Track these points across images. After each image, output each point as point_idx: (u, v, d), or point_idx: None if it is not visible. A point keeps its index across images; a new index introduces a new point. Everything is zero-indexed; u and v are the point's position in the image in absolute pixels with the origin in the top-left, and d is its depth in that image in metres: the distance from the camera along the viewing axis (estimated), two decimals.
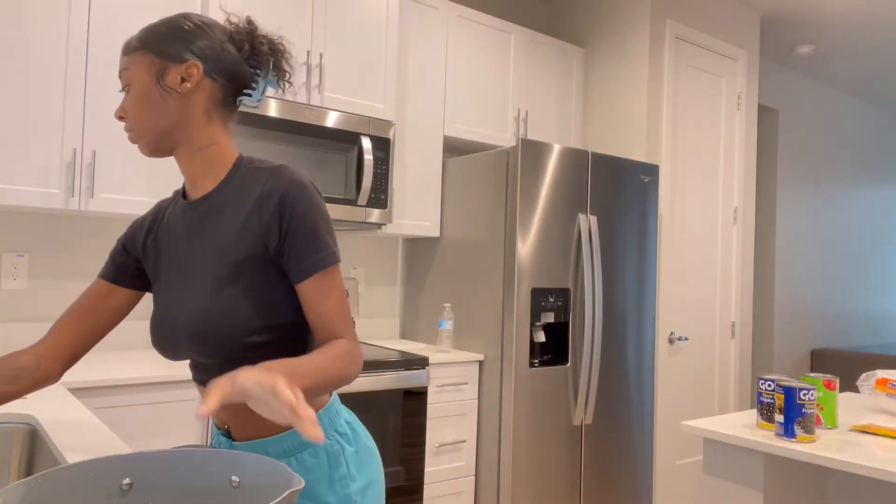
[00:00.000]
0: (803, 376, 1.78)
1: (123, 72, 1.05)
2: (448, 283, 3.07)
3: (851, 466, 1.45)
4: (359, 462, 1.10)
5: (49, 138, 2.11)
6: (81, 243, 2.47)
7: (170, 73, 1.03)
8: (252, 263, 1.01)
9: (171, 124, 1.04)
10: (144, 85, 1.03)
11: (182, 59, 1.03)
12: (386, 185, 2.75)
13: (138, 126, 1.04)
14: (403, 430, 2.57)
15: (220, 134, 1.08)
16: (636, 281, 3.10)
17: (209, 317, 1.00)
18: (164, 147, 1.06)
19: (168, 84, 1.03)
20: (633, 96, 3.46)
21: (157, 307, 1.10)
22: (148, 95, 1.03)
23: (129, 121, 1.05)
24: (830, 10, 3.92)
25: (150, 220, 1.17)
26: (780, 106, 4.90)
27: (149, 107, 1.03)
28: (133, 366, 2.15)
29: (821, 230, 5.27)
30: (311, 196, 1.02)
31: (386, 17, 2.83)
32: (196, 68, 1.03)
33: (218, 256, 1.03)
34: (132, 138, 1.06)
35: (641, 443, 3.11)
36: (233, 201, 1.05)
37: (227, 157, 1.09)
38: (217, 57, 1.05)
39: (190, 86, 1.03)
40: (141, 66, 1.03)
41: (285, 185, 1.01)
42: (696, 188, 3.63)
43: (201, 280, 1.03)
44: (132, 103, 1.03)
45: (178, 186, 2.34)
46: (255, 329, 1.00)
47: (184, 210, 1.10)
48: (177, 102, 1.04)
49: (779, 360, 4.89)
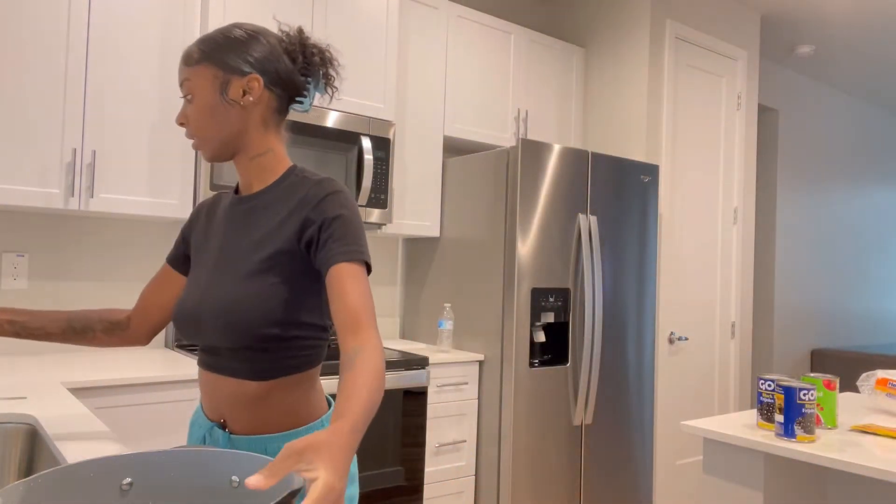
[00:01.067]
0: (803, 376, 1.78)
1: (186, 82, 1.09)
2: (448, 283, 3.07)
3: (851, 466, 1.45)
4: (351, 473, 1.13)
5: (49, 138, 2.11)
6: (81, 243, 2.47)
7: (232, 86, 1.08)
8: (284, 258, 1.06)
9: (233, 134, 1.10)
10: (208, 97, 1.08)
11: (243, 72, 1.08)
12: (386, 185, 2.75)
13: (201, 135, 1.10)
14: (403, 430, 2.57)
15: (275, 142, 1.15)
16: (636, 281, 3.10)
17: (238, 303, 1.04)
18: (225, 154, 1.13)
19: (231, 97, 1.08)
20: (633, 96, 3.46)
21: (189, 288, 1.14)
22: (212, 107, 1.08)
23: (191, 129, 1.10)
24: (830, 10, 3.91)
25: (207, 208, 1.24)
26: (780, 106, 4.90)
27: (212, 118, 1.08)
28: (133, 366, 2.14)
29: (821, 230, 5.27)
30: (350, 203, 1.07)
31: (386, 17, 2.83)
32: (257, 81, 1.08)
33: (254, 248, 1.08)
34: (195, 145, 1.11)
35: (641, 443, 3.11)
36: (278, 201, 1.11)
37: (280, 165, 1.15)
38: (274, 69, 1.11)
39: (252, 99, 1.09)
40: (204, 79, 1.08)
41: (326, 191, 1.07)
42: (696, 188, 3.63)
43: (235, 269, 1.08)
44: (196, 114, 1.09)
45: (179, 187, 2.34)
46: (278, 321, 1.04)
47: (233, 203, 1.16)
48: (238, 114, 1.09)
49: (779, 360, 4.89)
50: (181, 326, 1.12)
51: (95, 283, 2.49)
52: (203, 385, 1.14)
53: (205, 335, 1.08)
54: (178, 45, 2.35)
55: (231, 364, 1.08)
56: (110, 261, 2.52)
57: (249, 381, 1.07)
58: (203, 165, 2.33)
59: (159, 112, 2.31)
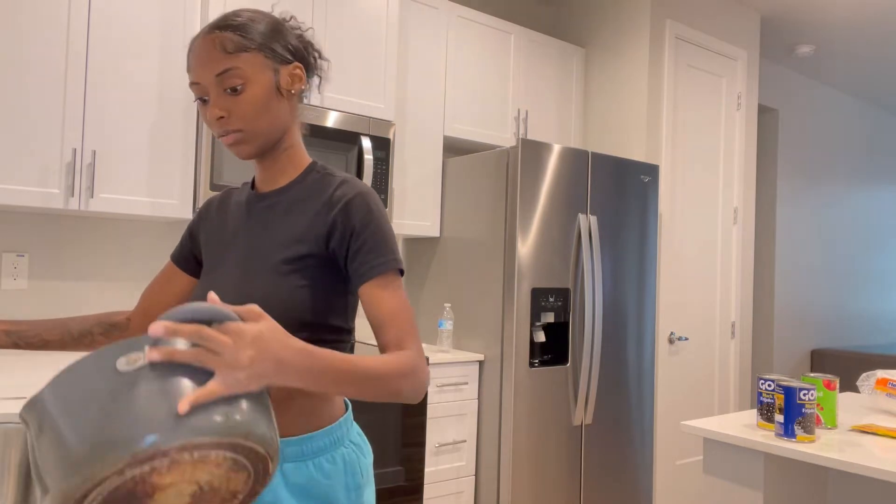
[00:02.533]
0: (803, 376, 1.78)
1: (232, 71, 0.98)
2: (448, 283, 3.07)
3: (851, 466, 1.46)
4: (368, 476, 1.10)
5: (49, 138, 2.11)
6: (81, 243, 2.47)
7: (282, 74, 1.03)
8: (311, 261, 1.02)
9: (283, 127, 1.05)
10: (264, 87, 1.00)
11: (287, 59, 1.04)
12: (386, 185, 2.75)
13: (251, 129, 1.01)
14: (403, 430, 2.57)
15: (299, 133, 1.11)
16: (636, 281, 3.10)
17: (265, 303, 1.00)
18: (267, 149, 1.06)
19: (283, 86, 1.03)
20: (633, 96, 3.46)
21: (204, 284, 1.10)
22: (268, 98, 1.01)
23: (236, 123, 1.00)
24: (830, 10, 3.92)
25: (217, 205, 1.19)
26: (780, 106, 4.90)
27: (266, 111, 1.01)
28: None
29: (821, 230, 5.27)
30: (378, 205, 1.03)
31: (386, 17, 2.83)
32: (300, 69, 1.05)
33: (280, 248, 1.04)
34: (238, 139, 1.02)
35: (641, 443, 3.11)
36: (302, 200, 1.06)
37: (302, 159, 1.11)
38: (302, 57, 1.07)
39: (302, 87, 1.04)
40: (257, 67, 1.00)
41: (354, 193, 1.02)
42: (696, 188, 3.63)
43: (261, 268, 1.04)
44: (247, 106, 0.99)
45: (179, 187, 2.34)
46: (305, 323, 1.00)
47: (250, 200, 1.11)
48: (287, 104, 1.05)
49: (779, 360, 4.89)
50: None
51: (95, 284, 2.49)
52: None
53: None
54: (179, 45, 2.35)
55: None
56: (110, 261, 2.52)
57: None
58: (203, 165, 2.33)
59: (159, 112, 2.31)
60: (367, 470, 1.10)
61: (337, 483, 1.04)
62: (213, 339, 0.72)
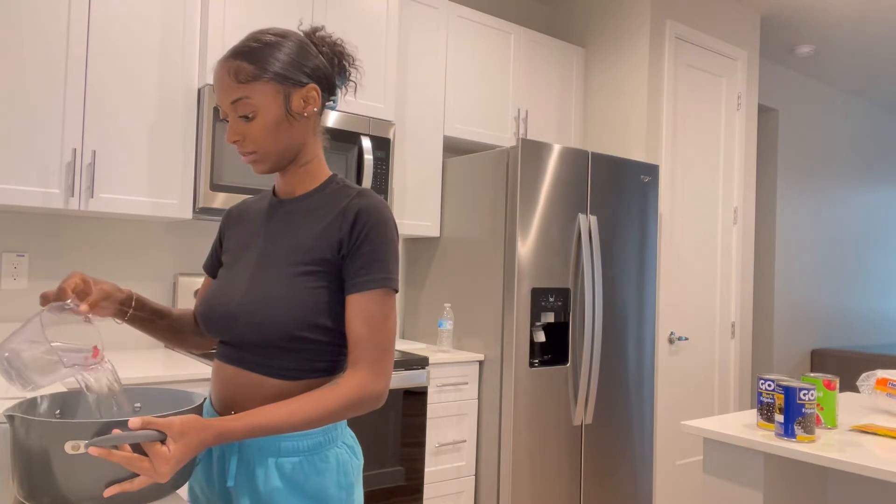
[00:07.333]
0: (803, 376, 1.78)
1: (243, 100, 1.04)
2: (448, 283, 3.07)
3: (851, 466, 1.46)
4: (358, 477, 1.14)
5: (49, 138, 2.11)
6: (81, 243, 2.47)
7: (294, 99, 1.07)
8: (324, 265, 1.07)
9: (296, 146, 1.10)
10: (274, 115, 1.06)
11: (301, 83, 1.08)
12: (386, 185, 2.76)
13: (265, 151, 1.07)
14: (403, 430, 2.57)
15: (319, 147, 1.16)
16: (636, 281, 3.10)
17: (277, 302, 1.04)
18: (283, 165, 1.12)
19: (294, 110, 1.07)
20: (633, 96, 3.46)
21: (224, 284, 1.13)
22: (278, 124, 1.06)
23: (250, 146, 1.07)
24: (830, 10, 3.92)
25: (238, 213, 1.24)
26: (780, 106, 4.90)
27: (276, 134, 1.07)
28: (134, 366, 2.14)
29: (821, 230, 5.27)
30: (387, 221, 1.07)
31: (386, 17, 2.83)
32: (315, 91, 1.09)
33: (295, 251, 1.08)
34: (254, 160, 1.08)
35: (641, 443, 3.11)
36: (319, 208, 1.11)
37: (322, 171, 1.16)
38: (323, 75, 1.11)
39: (315, 109, 1.09)
40: (266, 95, 1.05)
41: (366, 205, 1.07)
42: (696, 188, 3.63)
43: (276, 269, 1.08)
44: (259, 131, 1.05)
45: (179, 187, 2.34)
46: (312, 324, 1.05)
47: (271, 205, 1.17)
48: (301, 126, 1.09)
49: (779, 360, 4.89)
50: (213, 320, 1.11)
51: None
52: (219, 378, 1.12)
53: (236, 331, 1.08)
54: (179, 45, 2.35)
55: (257, 360, 1.08)
56: (110, 261, 2.52)
57: (274, 380, 1.07)
58: (203, 165, 2.33)
59: (159, 112, 2.31)
60: (358, 472, 1.14)
61: (329, 481, 1.07)
62: (136, 464, 0.86)
